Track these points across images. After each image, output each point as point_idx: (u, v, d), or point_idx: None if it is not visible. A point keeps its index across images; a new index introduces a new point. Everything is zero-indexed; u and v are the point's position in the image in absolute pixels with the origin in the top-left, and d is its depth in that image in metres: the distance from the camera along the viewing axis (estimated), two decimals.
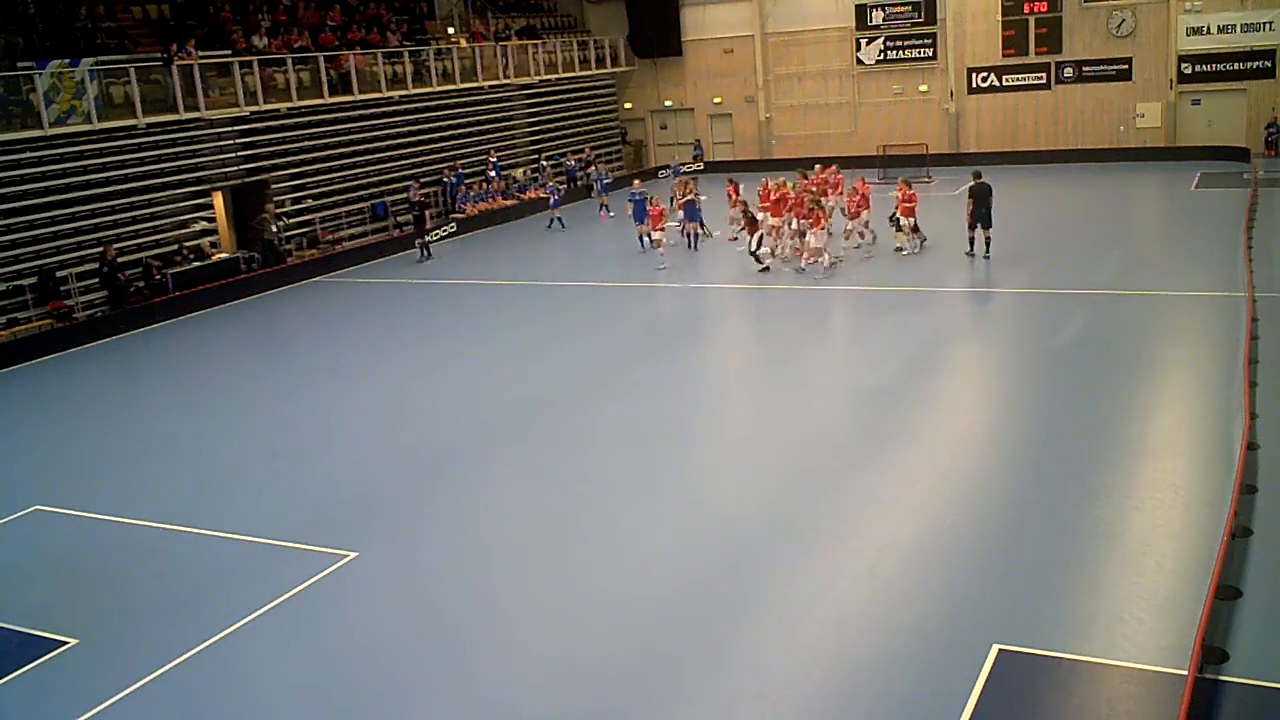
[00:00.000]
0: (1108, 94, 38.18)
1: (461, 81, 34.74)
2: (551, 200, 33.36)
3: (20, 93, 22.50)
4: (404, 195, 32.52)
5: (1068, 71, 38.48)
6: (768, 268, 23.64)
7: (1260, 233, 23.84)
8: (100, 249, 23.91)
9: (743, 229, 24.92)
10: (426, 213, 30.68)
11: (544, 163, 38.60)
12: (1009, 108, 39.58)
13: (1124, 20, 37.42)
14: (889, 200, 26.03)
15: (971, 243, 23.98)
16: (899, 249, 24.76)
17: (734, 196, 27.07)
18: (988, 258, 23.71)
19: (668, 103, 45.16)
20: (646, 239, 27.00)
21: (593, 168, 39.73)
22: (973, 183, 23.96)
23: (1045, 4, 38.07)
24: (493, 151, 36.35)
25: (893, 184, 35.68)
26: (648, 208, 26.29)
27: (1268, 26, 35.50)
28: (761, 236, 24.02)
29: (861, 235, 25.12)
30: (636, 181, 28.75)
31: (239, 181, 28.20)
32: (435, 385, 18.24)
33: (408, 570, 11.32)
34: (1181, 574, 9.90)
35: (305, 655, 9.79)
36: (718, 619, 9.83)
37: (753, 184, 28.22)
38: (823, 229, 23.21)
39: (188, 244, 26.15)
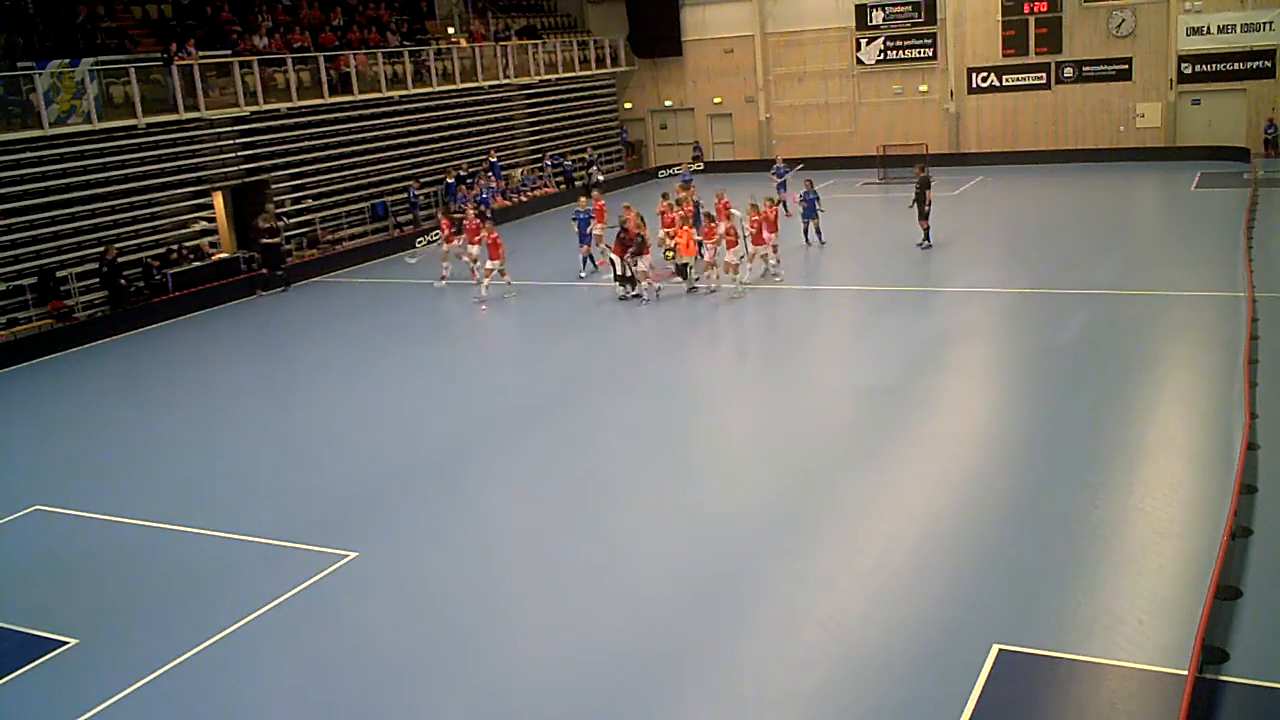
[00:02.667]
0: (1108, 94, 38.18)
1: (461, 81, 34.75)
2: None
3: (20, 93, 22.49)
4: (404, 195, 32.60)
5: (1068, 71, 38.49)
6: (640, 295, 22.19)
7: (1260, 233, 23.84)
8: (100, 249, 23.91)
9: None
10: (282, 245, 26.67)
11: (547, 162, 38.64)
12: (1009, 108, 39.59)
13: (1124, 20, 37.42)
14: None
15: (925, 234, 25.23)
16: (739, 290, 21.95)
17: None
18: (930, 246, 25.07)
19: (668, 103, 45.15)
20: (590, 261, 25.00)
21: (594, 167, 39.75)
22: (919, 175, 25.35)
23: (1045, 4, 38.07)
24: (492, 152, 36.36)
25: (892, 184, 35.86)
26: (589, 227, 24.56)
27: (1268, 26, 35.49)
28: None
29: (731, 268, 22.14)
30: (583, 200, 26.22)
31: (239, 181, 28.20)
32: (435, 385, 18.25)
33: (408, 570, 11.32)
34: (1181, 574, 9.91)
35: (305, 655, 9.79)
36: (718, 619, 9.83)
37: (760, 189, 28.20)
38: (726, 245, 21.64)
39: (188, 244, 26.15)
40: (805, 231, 26.44)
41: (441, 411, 16.65)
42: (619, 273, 22.40)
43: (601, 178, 39.46)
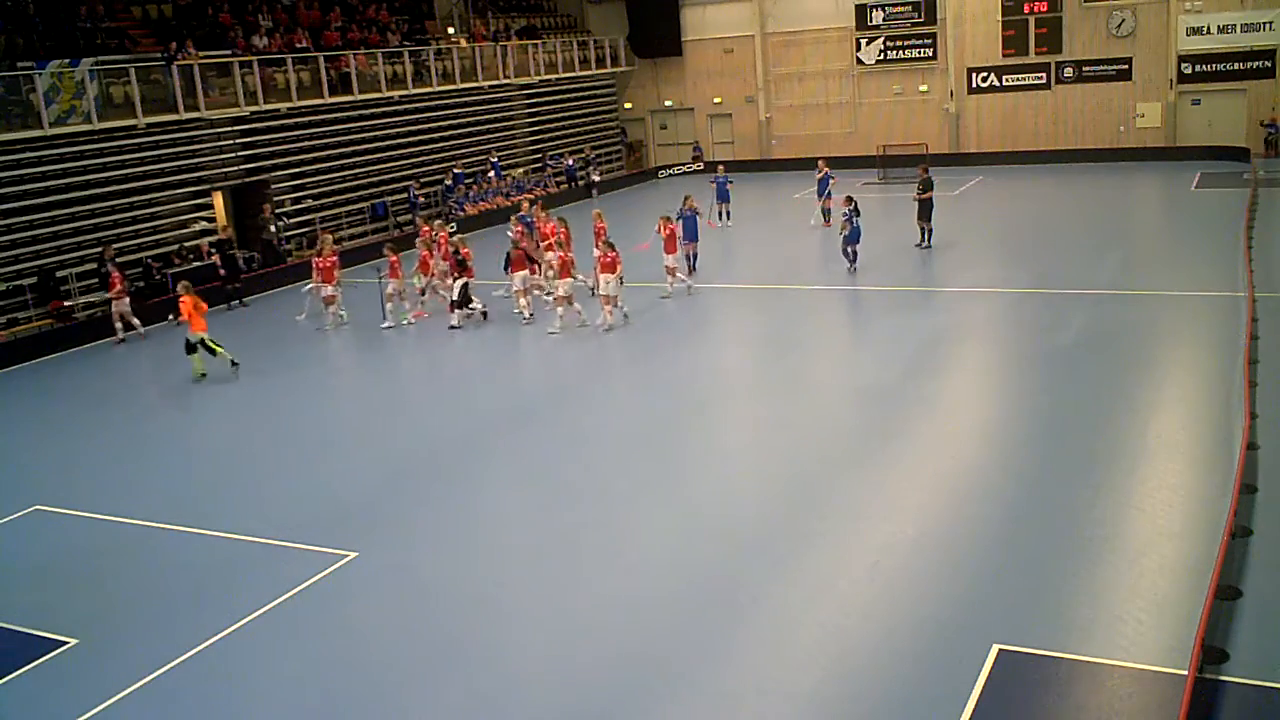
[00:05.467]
0: (1108, 94, 38.18)
1: (461, 81, 34.77)
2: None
3: (20, 93, 22.52)
4: (404, 195, 32.62)
5: (1068, 71, 38.49)
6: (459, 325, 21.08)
7: (1260, 233, 23.83)
8: (100, 249, 23.92)
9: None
10: (239, 258, 25.48)
11: (548, 162, 38.65)
12: (1009, 108, 39.59)
13: (1124, 20, 37.43)
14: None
15: (922, 234, 25.22)
16: (452, 326, 20.89)
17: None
18: (929, 247, 25.03)
19: (668, 103, 45.16)
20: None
21: (591, 167, 39.75)
22: (922, 177, 25.47)
23: (1045, 4, 38.08)
24: (493, 152, 36.37)
25: (891, 184, 35.76)
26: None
27: (1268, 26, 35.51)
28: (466, 285, 21.10)
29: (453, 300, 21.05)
30: (525, 204, 25.34)
31: (239, 181, 28.21)
32: (436, 386, 18.27)
33: (408, 570, 11.32)
34: (1181, 574, 9.91)
35: (306, 655, 9.78)
36: (718, 619, 9.83)
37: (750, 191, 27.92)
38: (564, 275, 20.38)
39: (188, 244, 26.16)
40: (848, 254, 23.40)
41: (441, 411, 16.66)
42: (454, 298, 21.15)
43: (598, 177, 39.44)
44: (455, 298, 21.09)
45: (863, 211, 23.37)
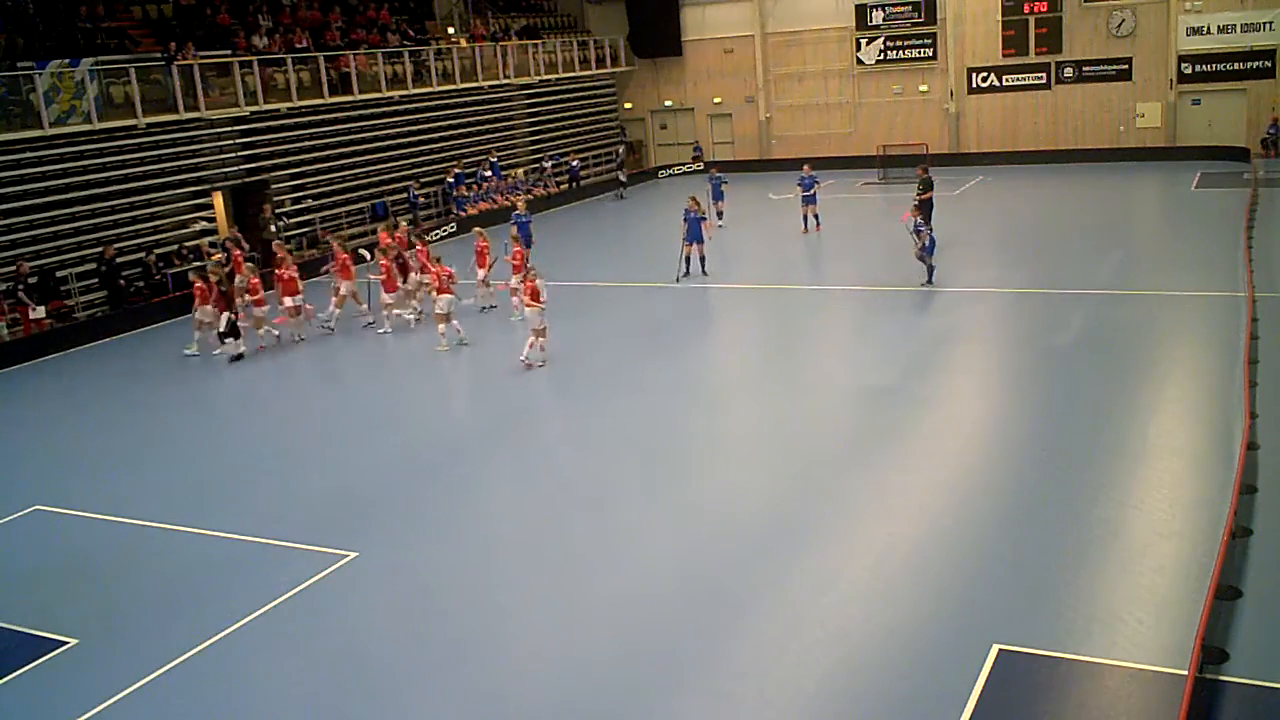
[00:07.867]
0: (1108, 94, 38.18)
1: (461, 81, 34.76)
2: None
3: (20, 93, 22.51)
4: (404, 195, 32.61)
5: (1068, 71, 38.49)
6: (241, 355, 20.17)
7: (1260, 233, 23.84)
8: (100, 249, 23.92)
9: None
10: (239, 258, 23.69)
11: (548, 164, 38.54)
12: (1009, 108, 39.59)
13: (1124, 20, 37.43)
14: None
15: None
16: (233, 357, 20.01)
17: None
18: None
19: (668, 103, 45.16)
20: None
21: (621, 170, 39.45)
22: (921, 177, 25.43)
23: (1045, 4, 38.08)
24: (493, 152, 36.35)
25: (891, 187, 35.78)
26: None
27: (1268, 26, 35.50)
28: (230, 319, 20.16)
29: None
30: (521, 204, 25.52)
31: (239, 181, 28.21)
32: (436, 385, 18.25)
33: (408, 570, 11.32)
34: (1181, 574, 9.91)
35: (305, 655, 9.79)
36: (719, 619, 9.83)
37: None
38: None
39: (189, 244, 26.16)
40: (931, 274, 21.99)
41: (441, 411, 16.66)
42: (222, 329, 20.22)
43: (624, 178, 38.98)
44: (222, 329, 20.20)
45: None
